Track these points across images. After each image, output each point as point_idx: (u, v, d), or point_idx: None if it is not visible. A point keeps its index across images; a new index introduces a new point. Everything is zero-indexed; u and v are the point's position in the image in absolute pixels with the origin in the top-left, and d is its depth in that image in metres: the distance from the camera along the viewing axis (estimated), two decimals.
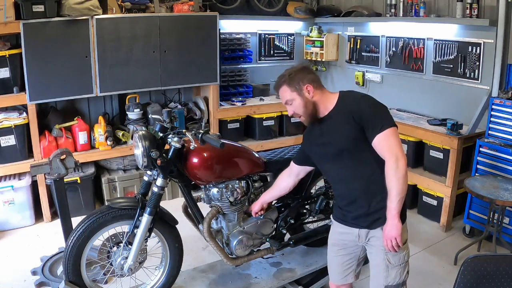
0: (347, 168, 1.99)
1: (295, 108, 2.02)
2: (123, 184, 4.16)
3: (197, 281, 2.68)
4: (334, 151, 1.99)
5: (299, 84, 1.99)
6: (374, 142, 1.88)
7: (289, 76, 2.02)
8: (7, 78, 3.62)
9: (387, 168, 1.86)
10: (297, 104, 2.00)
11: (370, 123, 1.88)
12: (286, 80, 2.02)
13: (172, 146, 2.28)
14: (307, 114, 2.02)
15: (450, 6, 4.05)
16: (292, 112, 2.04)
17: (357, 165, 1.97)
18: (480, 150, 3.55)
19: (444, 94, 4.15)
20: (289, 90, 2.01)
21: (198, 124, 4.54)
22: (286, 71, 2.05)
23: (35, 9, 3.49)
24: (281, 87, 2.04)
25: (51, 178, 2.87)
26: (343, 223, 2.11)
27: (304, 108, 2.00)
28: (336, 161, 2.01)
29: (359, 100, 1.97)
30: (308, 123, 2.08)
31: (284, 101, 2.05)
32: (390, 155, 1.85)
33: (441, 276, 3.12)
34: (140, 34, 4.02)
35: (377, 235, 1.98)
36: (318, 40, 5.27)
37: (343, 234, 2.12)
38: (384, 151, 1.87)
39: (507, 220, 3.39)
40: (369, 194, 1.98)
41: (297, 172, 2.37)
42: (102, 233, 2.33)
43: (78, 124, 4.00)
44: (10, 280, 3.03)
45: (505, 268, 1.64)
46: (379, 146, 1.88)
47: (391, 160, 1.84)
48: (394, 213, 1.86)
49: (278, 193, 2.47)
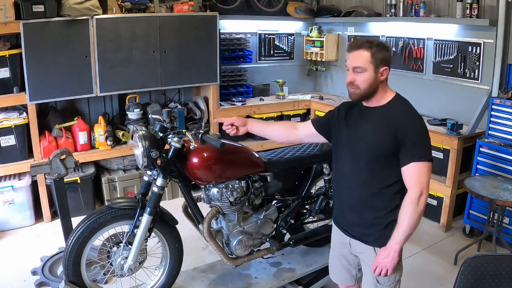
0: (362, 170, 1.87)
1: (362, 78, 1.80)
2: (123, 184, 4.16)
3: (197, 281, 2.68)
4: (360, 148, 1.86)
5: (380, 60, 1.79)
6: (406, 168, 1.77)
7: (377, 46, 1.79)
8: (7, 78, 3.62)
9: (408, 199, 1.76)
10: (366, 77, 1.79)
11: (411, 147, 1.75)
12: (373, 48, 1.79)
13: (172, 146, 2.28)
14: (364, 92, 1.82)
15: (450, 6, 4.05)
16: (353, 80, 1.81)
17: (374, 174, 1.85)
18: (480, 150, 3.55)
19: (444, 94, 4.15)
20: (369, 58, 1.78)
21: (198, 124, 4.54)
22: (374, 40, 1.83)
23: (35, 9, 3.49)
24: (362, 49, 1.79)
25: (51, 178, 2.87)
26: (337, 226, 2.07)
27: (368, 85, 1.80)
28: (356, 156, 1.88)
29: (411, 117, 1.82)
30: (356, 101, 1.89)
31: (353, 64, 1.81)
32: (416, 188, 1.74)
33: (441, 276, 3.12)
34: (140, 34, 4.02)
35: (369, 254, 1.92)
36: (318, 40, 5.27)
37: (338, 238, 2.08)
38: (412, 181, 1.76)
39: (507, 220, 3.39)
40: (369, 207, 1.88)
41: (306, 133, 2.17)
42: (102, 233, 2.33)
43: (78, 124, 4.00)
44: (10, 280, 3.03)
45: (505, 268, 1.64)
46: (408, 174, 1.77)
47: (416, 193, 1.74)
48: (397, 247, 1.79)
49: (269, 130, 2.30)
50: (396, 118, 1.79)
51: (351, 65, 1.82)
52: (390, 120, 1.79)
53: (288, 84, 5.33)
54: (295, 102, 5.15)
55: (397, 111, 1.82)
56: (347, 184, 1.95)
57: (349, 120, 1.95)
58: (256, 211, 2.63)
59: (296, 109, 5.15)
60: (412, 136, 1.76)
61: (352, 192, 1.93)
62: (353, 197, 1.93)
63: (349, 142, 1.91)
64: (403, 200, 1.78)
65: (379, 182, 1.85)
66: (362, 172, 1.87)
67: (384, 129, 1.79)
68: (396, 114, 1.81)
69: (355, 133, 1.90)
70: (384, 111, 1.85)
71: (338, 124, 2.00)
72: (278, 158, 2.72)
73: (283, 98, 5.18)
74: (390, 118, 1.80)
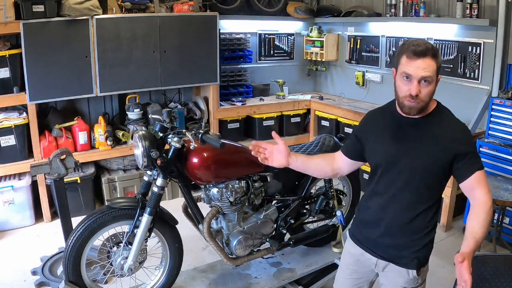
0: (409, 190, 1.67)
1: (427, 91, 1.58)
2: (123, 184, 4.16)
3: (197, 281, 2.68)
4: (403, 165, 1.65)
5: (440, 69, 1.60)
6: (471, 179, 1.60)
7: (438, 53, 1.59)
8: (7, 78, 3.62)
9: (484, 207, 1.59)
10: (431, 89, 1.58)
11: (471, 158, 1.61)
12: (438, 56, 1.57)
13: (172, 146, 2.28)
14: (425, 105, 1.61)
15: (450, 6, 4.05)
16: (418, 93, 1.56)
17: (421, 194, 1.67)
18: (480, 150, 3.55)
19: (444, 94, 4.12)
20: (435, 68, 1.57)
21: (198, 124, 4.54)
22: (433, 45, 1.59)
23: (35, 9, 3.49)
24: (429, 58, 1.55)
25: (51, 178, 2.87)
26: (361, 246, 1.84)
27: (431, 97, 1.61)
28: (403, 176, 1.66)
29: (463, 127, 1.68)
30: (414, 115, 1.64)
31: (422, 74, 1.54)
32: (488, 195, 1.60)
33: (441, 276, 3.11)
34: (140, 34, 4.02)
35: (398, 275, 1.74)
36: (318, 40, 5.27)
37: (356, 256, 1.87)
38: (482, 190, 1.61)
39: (507, 220, 3.39)
40: (406, 229, 1.70)
41: (341, 163, 1.91)
42: (102, 233, 2.32)
43: (78, 124, 4.00)
44: (10, 280, 3.03)
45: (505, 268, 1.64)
46: (476, 184, 1.61)
47: (489, 201, 1.60)
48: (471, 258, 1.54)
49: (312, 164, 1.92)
50: (449, 132, 1.63)
51: (418, 75, 1.55)
52: (442, 134, 1.63)
53: (288, 84, 5.33)
54: (295, 102, 5.15)
55: (446, 123, 1.67)
56: (386, 205, 1.73)
57: (386, 133, 1.73)
58: (256, 211, 2.63)
59: (296, 109, 5.15)
60: (470, 147, 1.64)
61: (391, 213, 1.72)
62: (392, 219, 1.72)
63: (393, 161, 1.69)
64: (475, 210, 1.60)
65: (425, 202, 1.68)
66: (408, 193, 1.67)
67: (437, 145, 1.62)
68: (448, 126, 1.66)
69: (399, 150, 1.67)
70: (431, 123, 1.66)
71: (373, 139, 1.77)
72: None
73: (283, 98, 5.18)
74: (441, 131, 1.64)
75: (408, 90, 1.57)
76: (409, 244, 1.71)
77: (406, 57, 1.58)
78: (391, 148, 1.69)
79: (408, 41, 1.61)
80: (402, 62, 1.59)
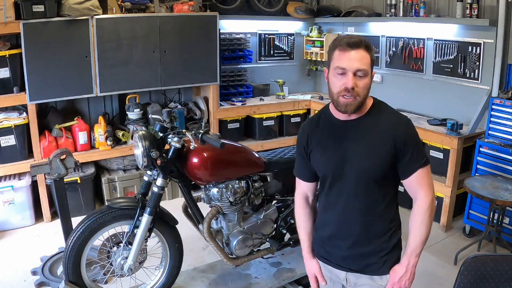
0: (361, 196, 1.61)
1: (363, 84, 1.51)
2: (123, 184, 4.16)
3: (197, 281, 2.68)
4: (355, 172, 1.59)
5: (373, 63, 1.55)
6: (413, 176, 1.59)
7: (371, 46, 1.54)
8: (7, 78, 3.62)
9: (423, 206, 1.59)
10: (367, 82, 1.52)
11: (413, 154, 1.57)
12: (371, 49, 1.53)
13: (172, 146, 2.28)
14: (362, 101, 1.54)
15: (450, 6, 4.05)
16: (354, 86, 1.49)
17: (374, 196, 1.62)
18: (480, 150, 3.55)
19: (444, 94, 4.15)
20: (369, 60, 1.52)
21: (198, 124, 4.54)
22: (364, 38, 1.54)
23: (35, 9, 3.49)
24: (362, 49, 1.50)
25: (51, 178, 2.87)
26: (328, 263, 1.76)
27: (367, 92, 1.54)
28: (350, 183, 1.61)
29: (406, 125, 1.60)
30: (351, 113, 1.56)
31: (357, 65, 1.48)
32: (429, 193, 1.60)
33: (441, 276, 3.11)
34: (140, 34, 4.02)
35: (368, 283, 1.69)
36: (318, 40, 5.26)
37: (328, 275, 1.79)
38: (423, 187, 1.59)
39: (507, 220, 3.39)
40: (372, 233, 1.65)
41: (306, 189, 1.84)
42: (102, 233, 2.33)
43: (78, 124, 4.00)
44: (10, 280, 3.03)
45: (505, 268, 1.64)
46: (417, 181, 1.59)
47: (430, 198, 1.59)
48: (416, 260, 1.63)
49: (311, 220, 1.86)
50: (388, 128, 1.57)
51: (353, 67, 1.48)
52: (383, 132, 1.57)
53: (288, 84, 5.33)
54: (295, 102, 5.15)
55: (385, 118, 1.60)
56: (342, 216, 1.66)
57: (326, 142, 1.65)
58: (256, 211, 2.64)
59: (296, 109, 5.15)
60: (411, 142, 1.57)
61: (351, 223, 1.65)
62: (352, 228, 1.65)
63: (338, 170, 1.62)
64: (415, 209, 1.62)
65: (380, 203, 1.63)
66: (361, 199, 1.61)
67: (379, 144, 1.56)
68: (387, 121, 1.60)
69: (342, 157, 1.60)
70: (369, 122, 1.59)
71: (314, 152, 1.69)
72: (278, 158, 2.73)
73: (283, 98, 5.18)
74: (381, 129, 1.58)
75: (343, 84, 1.50)
76: (376, 250, 1.66)
77: (338, 50, 1.51)
78: (334, 157, 1.62)
79: (340, 37, 1.57)
80: (334, 57, 1.52)
